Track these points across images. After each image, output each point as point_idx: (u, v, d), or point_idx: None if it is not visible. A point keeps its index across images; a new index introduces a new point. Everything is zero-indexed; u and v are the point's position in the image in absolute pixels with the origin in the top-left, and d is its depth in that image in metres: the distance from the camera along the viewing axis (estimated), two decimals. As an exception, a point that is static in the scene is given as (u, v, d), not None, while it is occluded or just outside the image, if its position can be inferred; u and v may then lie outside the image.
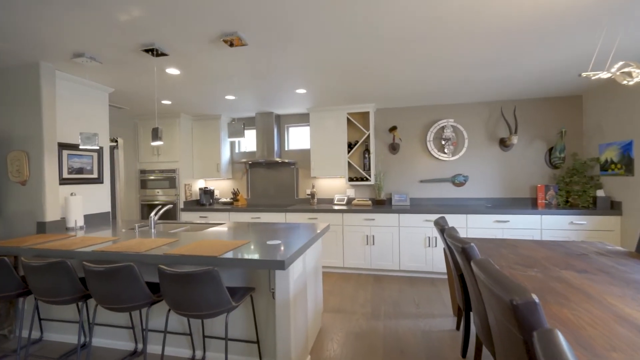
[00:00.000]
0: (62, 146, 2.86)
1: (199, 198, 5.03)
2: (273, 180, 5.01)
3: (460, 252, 1.55)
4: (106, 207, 3.30)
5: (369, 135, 4.39)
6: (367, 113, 4.43)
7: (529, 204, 4.02)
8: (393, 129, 4.35)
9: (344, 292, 3.40)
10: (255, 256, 1.71)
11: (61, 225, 2.74)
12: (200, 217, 4.60)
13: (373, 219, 3.93)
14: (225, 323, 1.70)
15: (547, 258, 1.98)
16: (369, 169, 4.40)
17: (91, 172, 3.14)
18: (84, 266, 1.79)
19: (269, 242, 1.99)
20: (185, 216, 4.67)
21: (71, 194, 2.84)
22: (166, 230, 2.82)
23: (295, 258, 1.77)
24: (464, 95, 3.90)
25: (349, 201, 4.63)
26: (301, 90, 3.54)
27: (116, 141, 4.92)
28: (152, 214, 2.52)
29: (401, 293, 3.35)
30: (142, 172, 4.86)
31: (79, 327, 2.13)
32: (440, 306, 3.02)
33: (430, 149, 4.32)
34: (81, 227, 2.81)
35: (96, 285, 1.81)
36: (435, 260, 3.78)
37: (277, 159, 4.47)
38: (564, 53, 2.55)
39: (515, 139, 3.88)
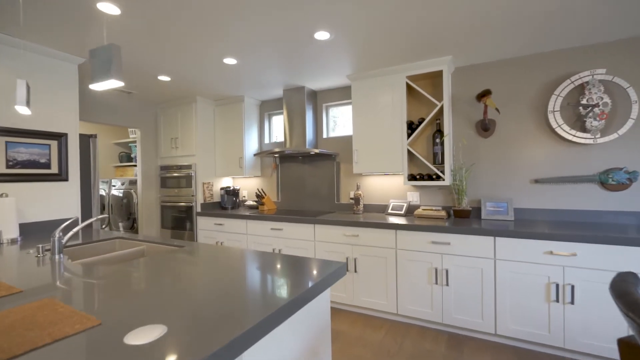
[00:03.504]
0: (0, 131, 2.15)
1: (220, 200, 4.14)
2: (308, 179, 3.80)
3: None
4: (73, 212, 2.54)
5: (441, 109, 2.81)
6: (439, 74, 2.85)
7: None
8: (484, 95, 2.69)
9: (390, 371, 1.98)
10: None
11: (-18, 238, 2.01)
12: (216, 224, 3.67)
13: (447, 243, 2.39)
14: None
15: None
16: (442, 162, 2.84)
17: (47, 166, 2.39)
18: None
19: (128, 341, 0.76)
20: (201, 222, 3.81)
21: (1, 195, 2.10)
22: (85, 257, 1.87)
23: None
24: (628, 23, 2.05)
25: (410, 210, 3.12)
26: (323, 34, 2.23)
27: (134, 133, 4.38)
28: (58, 230, 1.56)
29: (501, 392, 1.78)
30: (163, 168, 4.19)
31: None
32: None
33: (554, 125, 2.54)
34: (11, 241, 2.05)
35: None
36: (569, 326, 2.06)
37: (311, 150, 3.23)
38: None
39: None
